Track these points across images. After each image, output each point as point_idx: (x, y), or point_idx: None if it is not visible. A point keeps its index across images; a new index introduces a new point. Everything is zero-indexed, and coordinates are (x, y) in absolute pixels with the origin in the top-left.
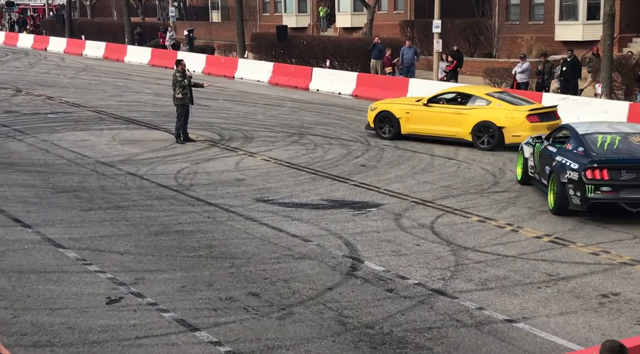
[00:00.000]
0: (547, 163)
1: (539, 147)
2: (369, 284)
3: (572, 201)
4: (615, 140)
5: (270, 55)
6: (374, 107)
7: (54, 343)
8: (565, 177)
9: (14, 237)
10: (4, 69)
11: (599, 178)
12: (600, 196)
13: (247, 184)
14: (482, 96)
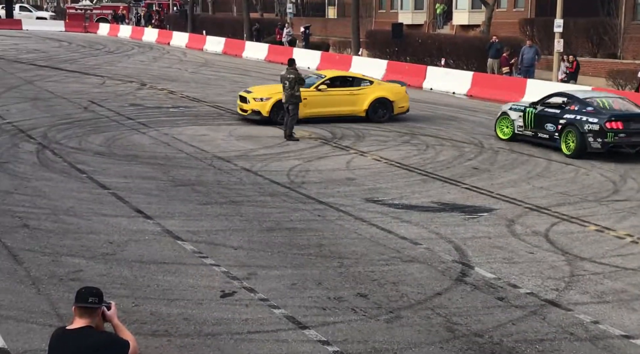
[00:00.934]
0: (549, 121)
1: (533, 111)
2: (478, 291)
3: (592, 146)
4: (608, 102)
5: (384, 52)
6: (266, 97)
7: (171, 332)
8: (585, 128)
9: (136, 228)
10: (130, 63)
11: (616, 128)
12: (618, 141)
13: (357, 184)
14: (364, 78)
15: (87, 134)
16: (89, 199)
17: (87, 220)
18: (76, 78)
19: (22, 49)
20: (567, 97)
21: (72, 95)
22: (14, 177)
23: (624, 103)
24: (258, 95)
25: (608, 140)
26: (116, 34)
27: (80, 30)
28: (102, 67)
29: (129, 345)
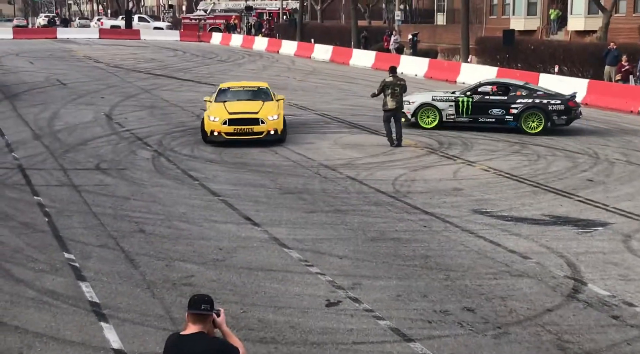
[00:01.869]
0: (495, 107)
1: (468, 100)
2: (592, 308)
3: (557, 122)
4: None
5: (494, 59)
6: (275, 116)
7: (277, 340)
8: (550, 109)
9: (244, 234)
10: (241, 71)
11: (574, 106)
12: (575, 116)
13: (464, 194)
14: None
15: (199, 142)
16: (201, 205)
17: (198, 226)
18: (190, 87)
19: (139, 58)
20: (500, 85)
21: (186, 104)
22: (132, 183)
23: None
24: (265, 113)
25: (571, 116)
26: (228, 43)
27: (194, 40)
28: (215, 75)
29: (239, 352)
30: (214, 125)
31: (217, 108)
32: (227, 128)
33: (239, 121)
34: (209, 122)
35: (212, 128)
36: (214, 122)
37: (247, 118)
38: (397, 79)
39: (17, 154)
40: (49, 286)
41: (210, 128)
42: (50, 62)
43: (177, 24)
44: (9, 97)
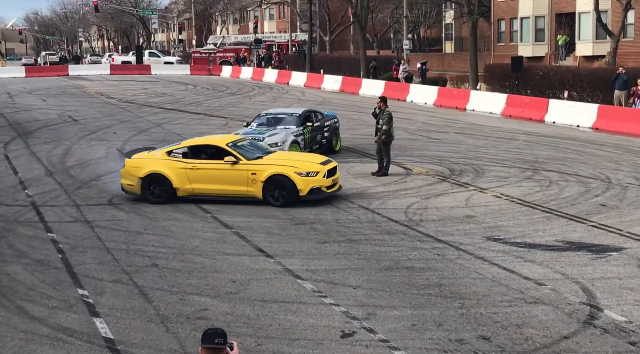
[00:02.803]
0: (318, 133)
1: (308, 130)
2: (609, 335)
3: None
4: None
5: (503, 86)
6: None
7: None
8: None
9: (257, 266)
10: (251, 103)
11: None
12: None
13: (477, 221)
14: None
15: None
16: (213, 238)
17: (211, 259)
18: (201, 120)
19: (150, 93)
20: (319, 114)
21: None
22: (144, 218)
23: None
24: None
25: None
26: (238, 76)
27: (205, 73)
28: (225, 108)
29: None
30: (315, 180)
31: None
32: (327, 182)
33: (333, 171)
34: (303, 178)
35: (313, 185)
36: (312, 177)
37: (335, 167)
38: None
39: (30, 191)
40: (64, 323)
41: (308, 185)
42: (62, 99)
43: (188, 58)
44: (22, 134)
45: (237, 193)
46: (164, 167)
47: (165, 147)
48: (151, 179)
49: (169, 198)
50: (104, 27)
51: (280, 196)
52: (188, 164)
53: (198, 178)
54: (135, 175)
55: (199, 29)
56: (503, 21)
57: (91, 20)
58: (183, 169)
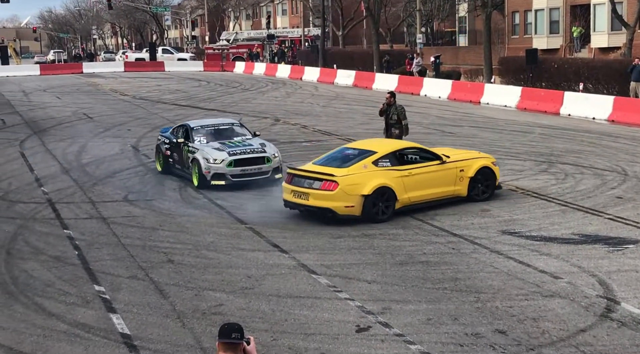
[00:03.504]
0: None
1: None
2: (626, 327)
3: None
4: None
5: (518, 79)
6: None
7: None
8: None
9: (272, 262)
10: (265, 99)
11: None
12: None
13: (492, 215)
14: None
15: None
16: (228, 234)
17: (226, 255)
18: (215, 116)
19: (164, 90)
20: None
21: None
22: (160, 214)
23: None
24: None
25: None
26: (251, 72)
27: (218, 69)
28: (238, 104)
29: None
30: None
31: (474, 154)
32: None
33: None
34: (497, 169)
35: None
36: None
37: None
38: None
39: (46, 188)
40: (81, 319)
41: (498, 176)
42: (77, 96)
43: (201, 54)
44: (38, 132)
45: (445, 195)
46: (387, 179)
47: (362, 159)
48: (377, 195)
49: (391, 214)
50: (118, 24)
51: (485, 190)
52: (404, 171)
53: (412, 185)
54: (356, 193)
55: (211, 25)
56: (517, 13)
57: (105, 17)
58: (400, 178)
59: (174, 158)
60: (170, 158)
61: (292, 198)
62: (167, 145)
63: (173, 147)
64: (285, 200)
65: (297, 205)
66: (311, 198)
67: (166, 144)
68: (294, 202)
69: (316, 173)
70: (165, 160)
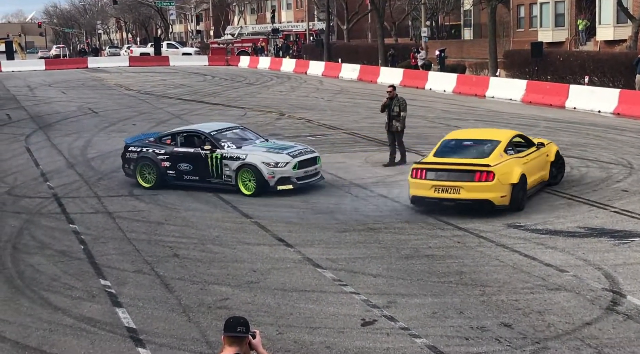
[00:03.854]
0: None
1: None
2: (632, 321)
3: None
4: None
5: (523, 72)
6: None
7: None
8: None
9: (277, 256)
10: (269, 93)
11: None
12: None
13: (497, 208)
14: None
15: None
16: (233, 228)
17: (232, 249)
18: (220, 111)
19: (169, 85)
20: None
21: None
22: (165, 208)
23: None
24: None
25: None
26: (256, 66)
27: (223, 64)
28: (243, 98)
29: None
30: None
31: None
32: None
33: None
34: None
35: None
36: None
37: None
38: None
39: (52, 183)
40: (86, 313)
41: None
42: (82, 91)
43: (205, 48)
44: (43, 127)
45: (541, 180)
46: (521, 166)
47: (494, 148)
48: (521, 183)
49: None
50: (122, 19)
51: (557, 174)
52: (524, 158)
53: (529, 171)
54: (507, 182)
55: (216, 20)
56: (522, 6)
57: (109, 12)
58: (525, 164)
59: (179, 170)
60: (170, 170)
61: (434, 193)
62: (163, 155)
63: (179, 157)
64: (418, 196)
65: (442, 200)
66: (464, 191)
67: (160, 155)
68: (438, 197)
69: (465, 164)
70: (161, 172)
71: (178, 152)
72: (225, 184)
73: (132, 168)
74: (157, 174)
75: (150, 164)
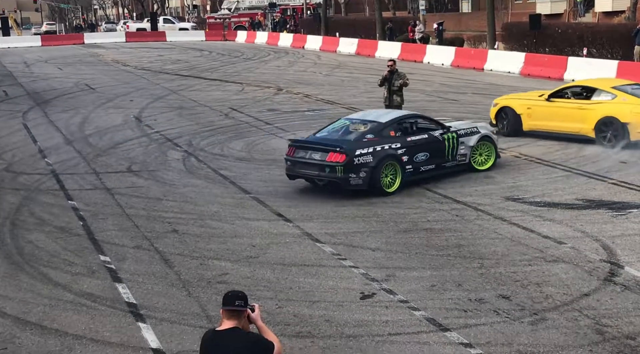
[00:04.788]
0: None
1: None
2: (629, 291)
3: None
4: (342, 125)
5: (521, 44)
6: (495, 103)
7: (314, 334)
8: None
9: (276, 231)
10: (267, 68)
11: (287, 155)
12: (287, 170)
13: (496, 182)
14: (608, 90)
15: (228, 140)
16: (232, 204)
17: (231, 224)
18: (217, 86)
19: (166, 60)
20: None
21: (213, 103)
22: (163, 184)
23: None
24: (496, 101)
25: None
26: (253, 41)
27: (220, 39)
28: (241, 74)
29: (274, 346)
30: None
31: None
32: None
33: None
34: None
35: None
36: None
37: None
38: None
39: (50, 160)
40: (87, 289)
41: None
42: (79, 67)
43: (202, 23)
44: (40, 103)
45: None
46: None
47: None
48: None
49: None
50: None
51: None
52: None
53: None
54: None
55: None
56: None
57: None
58: None
59: (415, 162)
60: (407, 165)
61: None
62: (400, 149)
63: (415, 148)
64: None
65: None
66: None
67: (398, 149)
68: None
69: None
70: (403, 168)
71: (413, 142)
72: (458, 164)
73: (367, 176)
74: (401, 171)
75: (394, 163)
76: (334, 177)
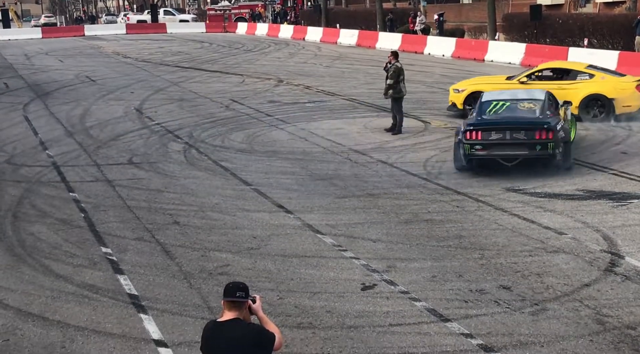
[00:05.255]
0: None
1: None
2: (630, 282)
3: (460, 158)
4: (504, 105)
5: (522, 35)
6: (461, 89)
7: (315, 325)
8: (457, 138)
9: (277, 222)
10: (268, 60)
11: (474, 139)
12: (476, 154)
13: (496, 173)
14: (583, 70)
15: (229, 132)
16: (233, 195)
17: (231, 216)
18: (218, 78)
19: (167, 52)
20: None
21: (214, 95)
22: (164, 176)
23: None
24: (459, 86)
25: (467, 153)
26: (253, 32)
27: (220, 31)
28: (241, 65)
29: (275, 337)
30: None
31: None
32: None
33: None
34: None
35: None
36: None
37: None
38: (401, 65)
39: (51, 152)
40: (88, 281)
41: None
42: (79, 59)
43: (203, 15)
44: (41, 95)
45: None
46: None
47: None
48: None
49: None
50: None
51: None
52: None
53: None
54: None
55: None
56: None
57: None
58: None
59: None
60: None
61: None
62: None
63: (565, 122)
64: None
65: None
66: None
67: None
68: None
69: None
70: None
71: (565, 116)
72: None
73: (564, 151)
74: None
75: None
76: (544, 154)
